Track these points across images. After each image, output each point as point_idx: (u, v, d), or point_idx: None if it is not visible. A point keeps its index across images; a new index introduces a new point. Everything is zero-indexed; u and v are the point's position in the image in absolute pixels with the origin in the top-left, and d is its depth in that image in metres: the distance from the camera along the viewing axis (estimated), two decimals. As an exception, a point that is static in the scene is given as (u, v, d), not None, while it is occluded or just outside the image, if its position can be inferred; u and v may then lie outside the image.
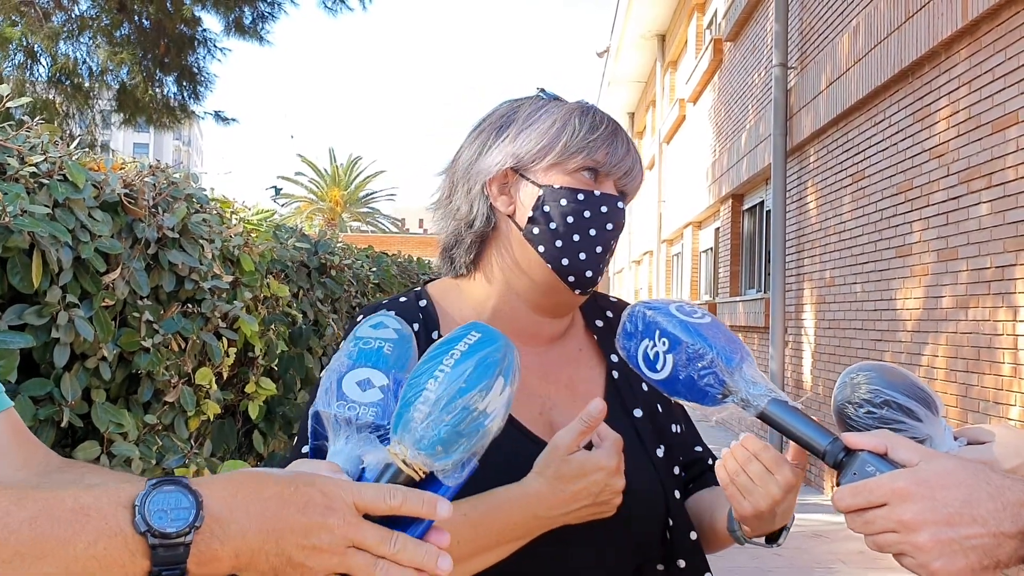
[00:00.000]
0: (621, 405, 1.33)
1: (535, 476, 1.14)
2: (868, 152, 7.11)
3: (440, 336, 1.30)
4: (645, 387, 1.33)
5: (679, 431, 1.37)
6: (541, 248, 1.26)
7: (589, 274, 1.26)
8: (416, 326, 1.30)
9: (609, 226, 1.27)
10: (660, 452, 1.30)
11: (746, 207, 11.73)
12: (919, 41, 5.96)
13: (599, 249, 1.26)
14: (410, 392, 0.91)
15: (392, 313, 1.09)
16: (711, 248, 14.19)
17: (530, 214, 1.27)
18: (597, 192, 1.26)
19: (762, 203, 10.73)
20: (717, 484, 1.26)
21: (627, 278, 26.20)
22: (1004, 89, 4.98)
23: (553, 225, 1.25)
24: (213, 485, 0.81)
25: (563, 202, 1.25)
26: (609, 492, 1.14)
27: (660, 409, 1.36)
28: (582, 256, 1.25)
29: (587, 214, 1.25)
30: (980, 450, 1.12)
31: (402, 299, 1.36)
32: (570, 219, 1.25)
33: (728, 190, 11.80)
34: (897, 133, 6.52)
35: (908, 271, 6.27)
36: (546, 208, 1.26)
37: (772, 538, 1.26)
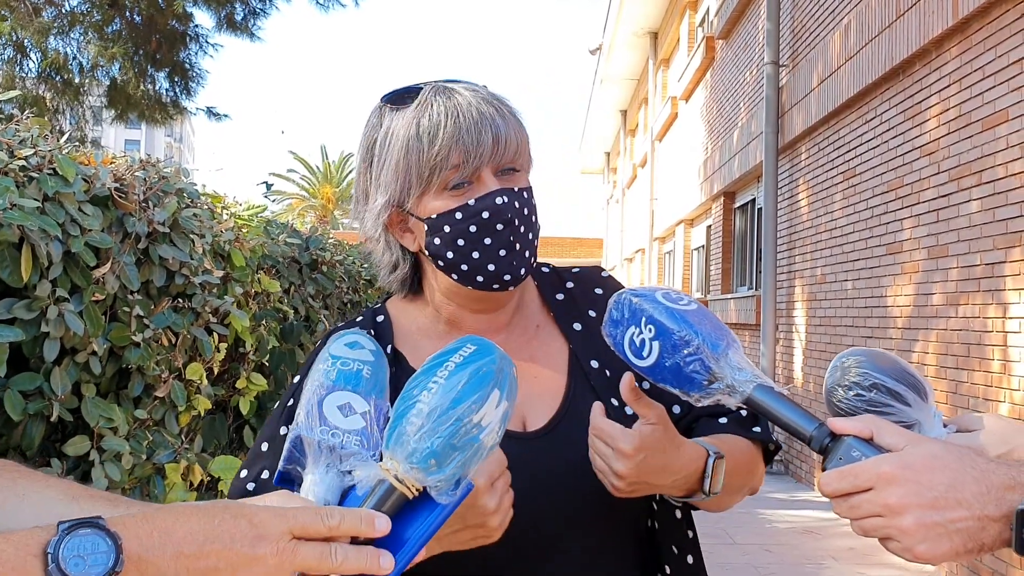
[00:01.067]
0: (584, 379, 1.32)
1: None
2: (859, 150, 7.13)
3: (393, 350, 1.32)
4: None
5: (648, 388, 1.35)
6: (454, 276, 1.26)
7: (508, 277, 1.25)
8: None
9: (499, 226, 1.23)
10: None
11: (738, 205, 11.76)
12: (910, 39, 5.98)
13: (503, 252, 1.23)
14: (403, 405, 0.90)
15: (365, 333, 1.07)
16: (703, 246, 14.21)
17: (428, 249, 1.27)
18: (471, 202, 1.22)
19: (753, 201, 10.75)
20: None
21: (620, 276, 26.23)
22: (994, 87, 5.00)
23: (450, 254, 1.24)
24: (131, 524, 0.76)
25: (446, 228, 1.23)
26: (477, 514, 1.05)
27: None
28: (491, 267, 1.24)
29: (473, 228, 1.22)
30: (968, 438, 1.13)
31: (358, 319, 1.39)
32: (460, 241, 1.23)
33: (720, 188, 11.83)
34: (888, 131, 6.54)
35: (899, 268, 6.29)
36: (436, 240, 1.25)
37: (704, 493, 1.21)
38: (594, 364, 1.32)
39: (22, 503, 0.85)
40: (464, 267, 1.25)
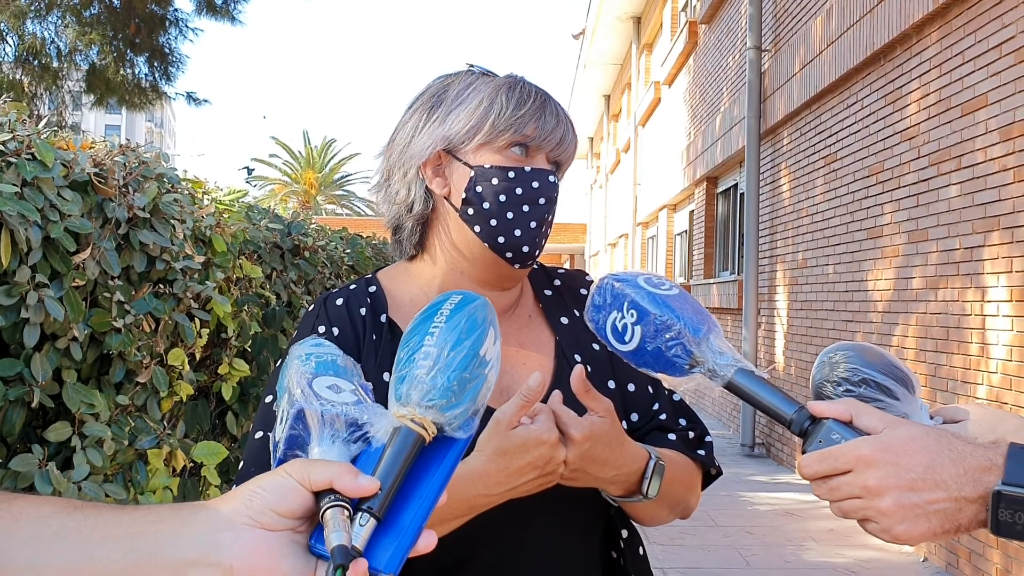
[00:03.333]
0: (568, 369, 1.33)
1: (477, 454, 1.13)
2: (840, 135, 7.16)
3: (388, 319, 1.34)
4: (596, 346, 1.35)
5: (632, 390, 1.37)
6: (477, 228, 1.29)
7: (526, 249, 1.29)
8: (363, 311, 1.34)
9: (541, 200, 1.28)
10: None
11: (720, 190, 11.79)
12: (891, 24, 6.00)
13: (533, 224, 1.28)
14: (407, 352, 0.92)
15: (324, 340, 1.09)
16: (685, 231, 14.25)
17: (464, 195, 1.29)
18: (528, 168, 1.28)
19: (736, 186, 10.79)
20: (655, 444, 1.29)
21: (603, 261, 26.27)
22: (974, 72, 5.03)
23: (487, 205, 1.28)
24: None
25: (495, 181, 1.27)
26: (554, 464, 1.12)
27: (614, 370, 1.37)
28: (517, 233, 1.28)
29: (519, 191, 1.27)
30: (955, 428, 1.13)
31: (352, 287, 1.40)
32: (502, 197, 1.27)
33: (702, 173, 11.85)
34: (869, 116, 6.57)
35: (879, 253, 6.33)
36: (478, 188, 1.28)
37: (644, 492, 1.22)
38: (577, 358, 1.35)
39: (19, 522, 0.82)
40: (493, 222, 1.28)
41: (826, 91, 7.39)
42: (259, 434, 1.25)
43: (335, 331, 1.31)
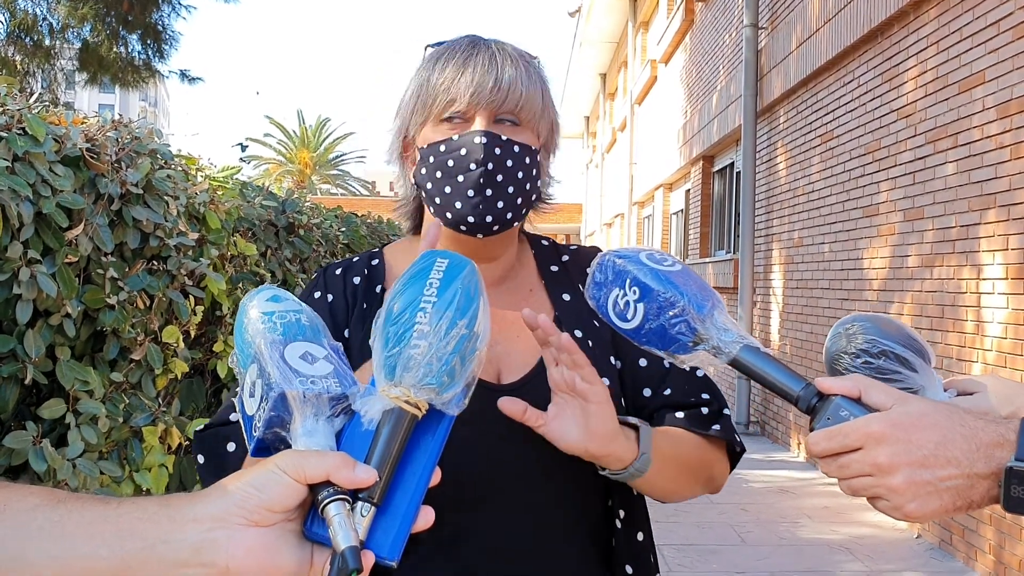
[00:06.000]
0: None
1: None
2: (837, 112, 7.13)
3: (383, 289, 1.34)
4: (597, 323, 1.32)
5: (644, 365, 1.34)
6: (432, 208, 1.29)
7: (471, 219, 1.25)
8: (358, 279, 1.36)
9: (472, 166, 1.23)
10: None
11: (716, 169, 11.76)
12: (888, 1, 5.96)
13: (471, 192, 1.24)
14: (398, 329, 0.89)
15: (270, 284, 1.09)
16: (681, 210, 14.22)
17: (415, 178, 1.31)
18: (455, 136, 1.24)
19: (732, 164, 10.75)
20: (662, 424, 1.28)
21: (599, 240, 26.24)
22: (971, 49, 5.00)
23: (429, 185, 1.27)
24: None
25: (431, 159, 1.27)
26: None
27: (618, 347, 1.34)
28: (458, 205, 1.25)
29: (450, 163, 1.25)
30: (973, 400, 1.12)
31: (354, 259, 1.42)
32: (438, 174, 1.26)
33: (699, 152, 11.81)
34: (865, 93, 6.54)
35: (875, 231, 6.32)
36: (423, 170, 1.28)
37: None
38: (577, 333, 1.31)
39: (3, 515, 0.81)
40: (438, 200, 1.27)
41: (823, 69, 7.35)
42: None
43: (329, 297, 1.34)
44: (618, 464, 1.15)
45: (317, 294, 1.35)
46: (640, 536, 1.32)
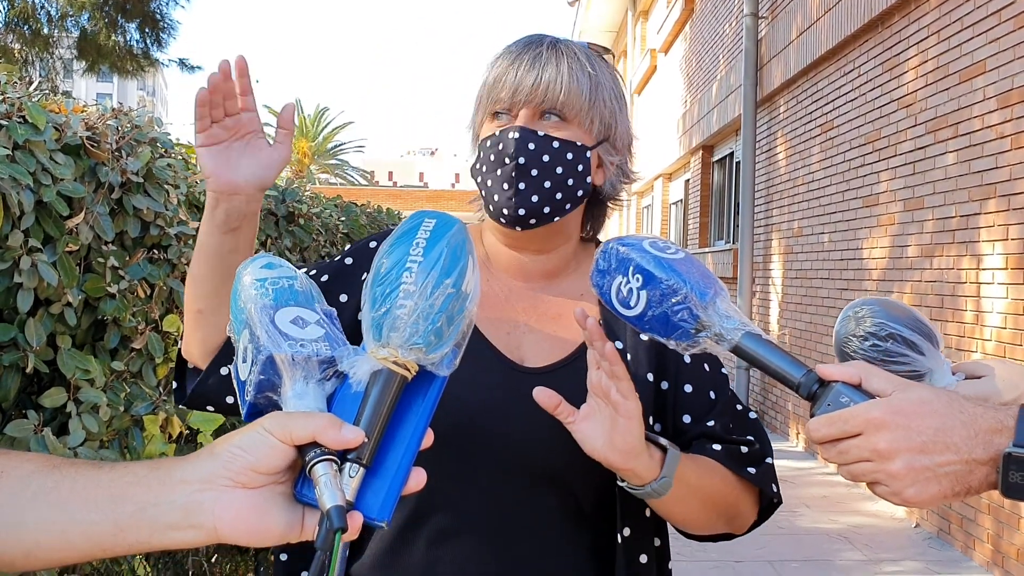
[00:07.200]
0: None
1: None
2: (837, 102, 7.12)
3: None
4: (644, 337, 1.29)
5: (689, 391, 1.31)
6: (482, 200, 1.34)
7: (506, 212, 1.28)
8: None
9: (506, 161, 1.27)
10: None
11: (716, 158, 11.75)
12: (890, -10, 5.95)
13: (505, 186, 1.27)
14: (384, 290, 0.89)
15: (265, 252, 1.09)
16: (681, 200, 14.21)
17: (471, 171, 1.36)
18: (496, 132, 1.29)
19: (732, 154, 10.74)
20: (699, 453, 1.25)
21: (597, 230, 26.17)
22: (972, 39, 4.99)
23: (479, 177, 1.32)
24: None
25: (480, 153, 1.32)
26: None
27: (665, 368, 1.32)
28: (496, 197, 1.29)
29: (492, 157, 1.29)
30: (980, 384, 1.12)
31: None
32: (483, 167, 1.31)
33: (698, 141, 11.80)
34: (866, 83, 6.53)
35: (875, 221, 6.32)
36: (476, 163, 1.34)
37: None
38: (618, 344, 1.30)
39: (0, 481, 0.81)
40: (483, 192, 1.32)
41: (823, 58, 7.34)
42: None
43: (347, 260, 1.38)
44: (637, 480, 1.15)
45: (348, 260, 1.38)
46: (644, 559, 1.28)
